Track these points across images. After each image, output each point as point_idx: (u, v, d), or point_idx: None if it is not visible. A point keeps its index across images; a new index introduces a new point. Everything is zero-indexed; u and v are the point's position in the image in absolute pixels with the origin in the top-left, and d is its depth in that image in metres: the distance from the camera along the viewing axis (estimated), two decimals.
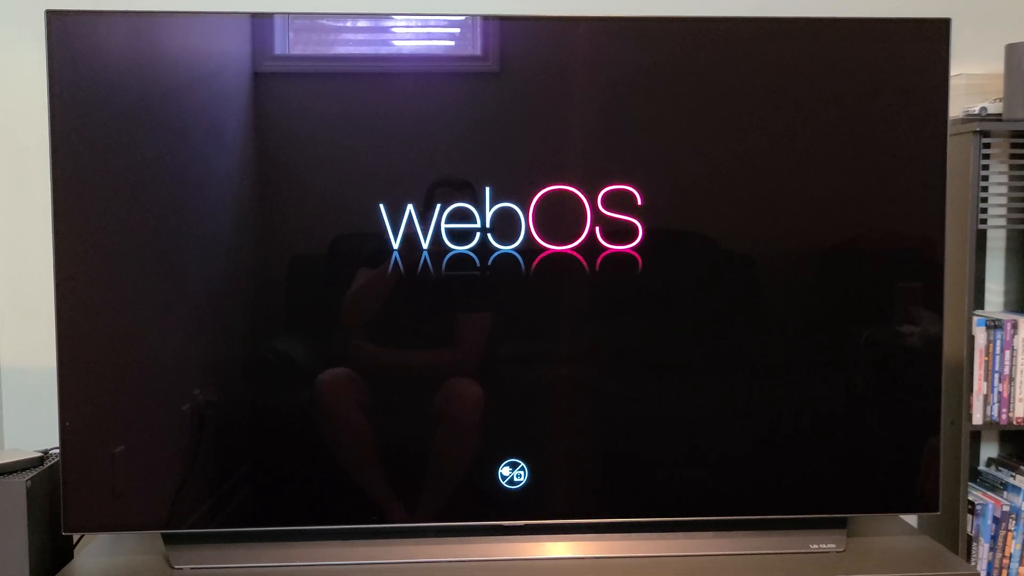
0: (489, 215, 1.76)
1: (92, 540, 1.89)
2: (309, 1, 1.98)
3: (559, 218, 1.77)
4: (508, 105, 1.79)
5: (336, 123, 1.77)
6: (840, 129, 1.80)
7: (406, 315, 1.80)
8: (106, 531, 1.83)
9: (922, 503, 1.86)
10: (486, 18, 1.76)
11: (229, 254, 1.76)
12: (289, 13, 1.77)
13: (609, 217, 1.77)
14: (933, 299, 1.83)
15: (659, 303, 1.85)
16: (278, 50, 1.74)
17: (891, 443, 1.85)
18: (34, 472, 1.77)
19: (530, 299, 1.81)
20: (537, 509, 1.80)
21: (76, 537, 1.92)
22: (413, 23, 1.79)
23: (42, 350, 2.15)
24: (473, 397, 1.81)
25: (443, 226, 1.75)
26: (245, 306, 1.78)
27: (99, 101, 1.68)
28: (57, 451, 1.73)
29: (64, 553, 1.87)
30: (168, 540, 1.76)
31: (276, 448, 1.80)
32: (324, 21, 1.82)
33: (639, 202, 1.77)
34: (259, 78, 1.74)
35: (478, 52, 1.77)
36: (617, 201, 1.77)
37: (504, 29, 1.76)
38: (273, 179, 1.77)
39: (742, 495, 1.85)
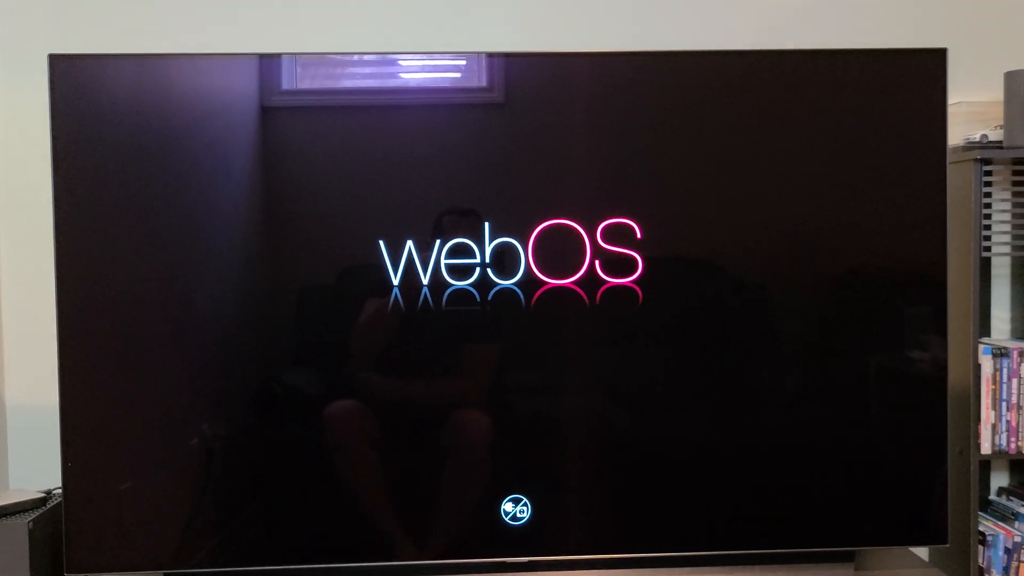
0: (489, 249, 1.76)
1: None
2: (317, 38, 1.99)
3: (560, 247, 1.77)
4: (513, 137, 1.80)
5: (343, 155, 1.78)
6: (841, 159, 1.80)
7: (412, 347, 1.80)
8: (108, 572, 1.82)
9: (931, 535, 1.84)
10: (491, 55, 1.78)
11: (236, 287, 1.77)
12: (296, 54, 1.78)
13: (611, 247, 1.77)
14: (937, 328, 1.82)
15: (660, 336, 1.84)
16: (286, 85, 1.76)
17: (898, 474, 1.83)
18: (36, 513, 1.77)
19: (531, 334, 1.80)
20: (541, 544, 1.79)
21: None
22: (420, 56, 1.82)
23: (47, 389, 2.15)
24: (480, 430, 1.80)
25: (442, 261, 1.75)
26: (253, 339, 1.79)
27: (104, 142, 1.70)
28: (60, 491, 1.73)
29: None
30: None
31: (282, 483, 1.80)
32: (332, 56, 1.85)
33: (639, 235, 1.77)
34: (267, 112, 1.76)
35: (484, 84, 1.78)
36: (616, 234, 1.78)
37: (509, 64, 1.78)
38: (280, 212, 1.78)
39: (747, 528, 1.83)
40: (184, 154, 1.73)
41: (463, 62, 1.80)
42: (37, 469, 2.17)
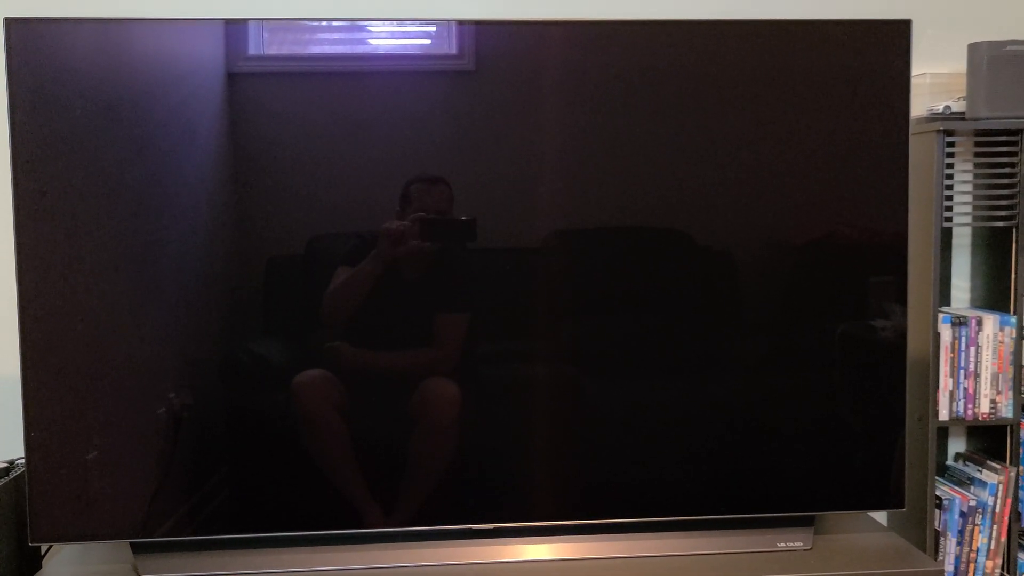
0: (463, 214, 1.75)
1: (61, 550, 1.88)
2: (284, 2, 1.96)
3: (530, 216, 1.78)
4: (483, 105, 1.79)
5: (311, 122, 1.76)
6: (805, 129, 1.81)
7: (381, 316, 1.80)
8: (73, 541, 1.81)
9: (889, 500, 1.88)
10: (461, 22, 1.77)
11: (204, 255, 1.75)
12: (264, 19, 1.76)
13: (580, 215, 1.78)
14: (898, 297, 1.85)
15: (626, 304, 1.86)
16: (252, 50, 1.74)
17: (858, 440, 1.87)
18: None
19: (499, 302, 1.81)
20: (507, 511, 1.81)
21: (45, 547, 1.91)
22: (389, 23, 1.81)
23: (7, 356, 2.13)
24: (448, 398, 1.81)
25: (418, 225, 1.75)
26: (221, 308, 1.78)
27: (64, 108, 1.67)
28: (23, 461, 1.71)
29: (32, 563, 1.86)
30: (136, 549, 1.75)
31: (250, 452, 1.80)
32: (300, 22, 1.82)
33: (607, 204, 1.78)
34: (233, 78, 1.73)
35: (454, 51, 1.77)
36: (584, 202, 1.78)
37: (480, 31, 1.77)
38: (248, 179, 1.76)
39: (711, 494, 1.86)
40: (148, 121, 1.70)
41: (433, 29, 1.78)
42: (2, 437, 2.16)
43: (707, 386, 1.86)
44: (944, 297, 2.40)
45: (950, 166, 2.24)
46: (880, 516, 2.20)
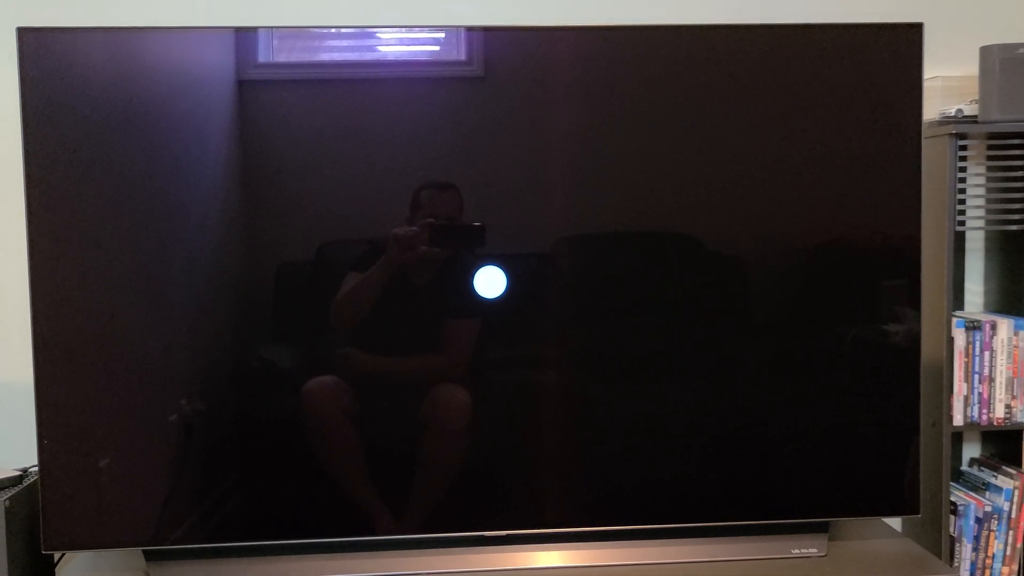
0: (472, 220, 1.75)
1: (74, 557, 1.88)
2: (293, 10, 1.97)
3: (539, 221, 1.78)
4: (492, 112, 1.79)
5: (321, 129, 1.76)
6: (817, 134, 1.81)
7: (391, 322, 1.80)
8: (86, 549, 1.82)
9: (903, 506, 1.86)
10: (470, 29, 1.77)
11: (215, 262, 1.76)
12: (273, 27, 1.77)
13: (590, 221, 1.78)
14: (911, 301, 1.84)
15: (641, 308, 1.85)
16: (262, 58, 1.74)
17: (872, 446, 1.86)
18: (13, 491, 1.77)
19: (508, 308, 1.81)
20: (519, 519, 1.81)
21: (58, 555, 1.91)
22: (398, 30, 1.81)
23: (21, 364, 2.13)
24: (458, 404, 1.80)
25: (428, 231, 1.75)
26: (231, 314, 1.78)
27: (76, 117, 1.67)
28: (36, 469, 1.72)
29: (46, 571, 1.86)
30: (149, 556, 1.76)
31: (261, 459, 1.80)
32: (309, 29, 1.83)
33: (616, 209, 1.78)
34: (243, 86, 1.74)
35: (463, 57, 1.77)
36: (594, 208, 1.78)
37: (488, 37, 1.77)
38: (258, 186, 1.76)
39: (724, 500, 1.85)
40: (159, 129, 1.71)
41: (442, 35, 1.78)
42: (13, 447, 2.16)
43: (719, 391, 1.86)
44: (958, 301, 2.39)
45: (963, 169, 2.23)
46: (895, 522, 2.19)
